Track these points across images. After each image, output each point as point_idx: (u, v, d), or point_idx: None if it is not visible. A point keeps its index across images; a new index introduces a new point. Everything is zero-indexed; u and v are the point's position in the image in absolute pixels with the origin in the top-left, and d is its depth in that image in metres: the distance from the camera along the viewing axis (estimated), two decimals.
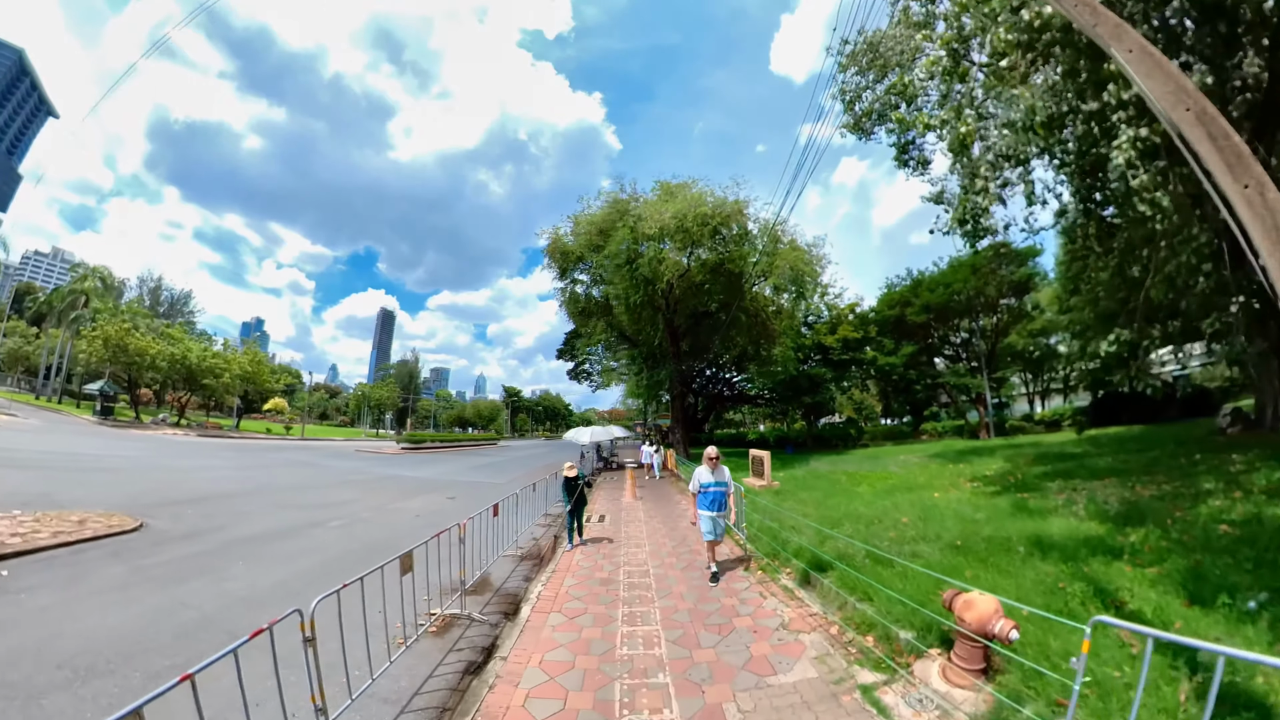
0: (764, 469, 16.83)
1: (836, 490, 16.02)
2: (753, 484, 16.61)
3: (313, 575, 8.94)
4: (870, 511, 11.93)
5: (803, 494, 15.57)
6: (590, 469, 26.80)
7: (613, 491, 19.72)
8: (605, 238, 27.92)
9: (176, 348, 59.03)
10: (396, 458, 38.16)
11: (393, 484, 22.86)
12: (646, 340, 28.95)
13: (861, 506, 12.68)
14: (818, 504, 13.65)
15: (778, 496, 14.95)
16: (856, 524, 10.79)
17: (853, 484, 17.51)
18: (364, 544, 11.76)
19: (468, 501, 18.17)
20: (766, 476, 16.80)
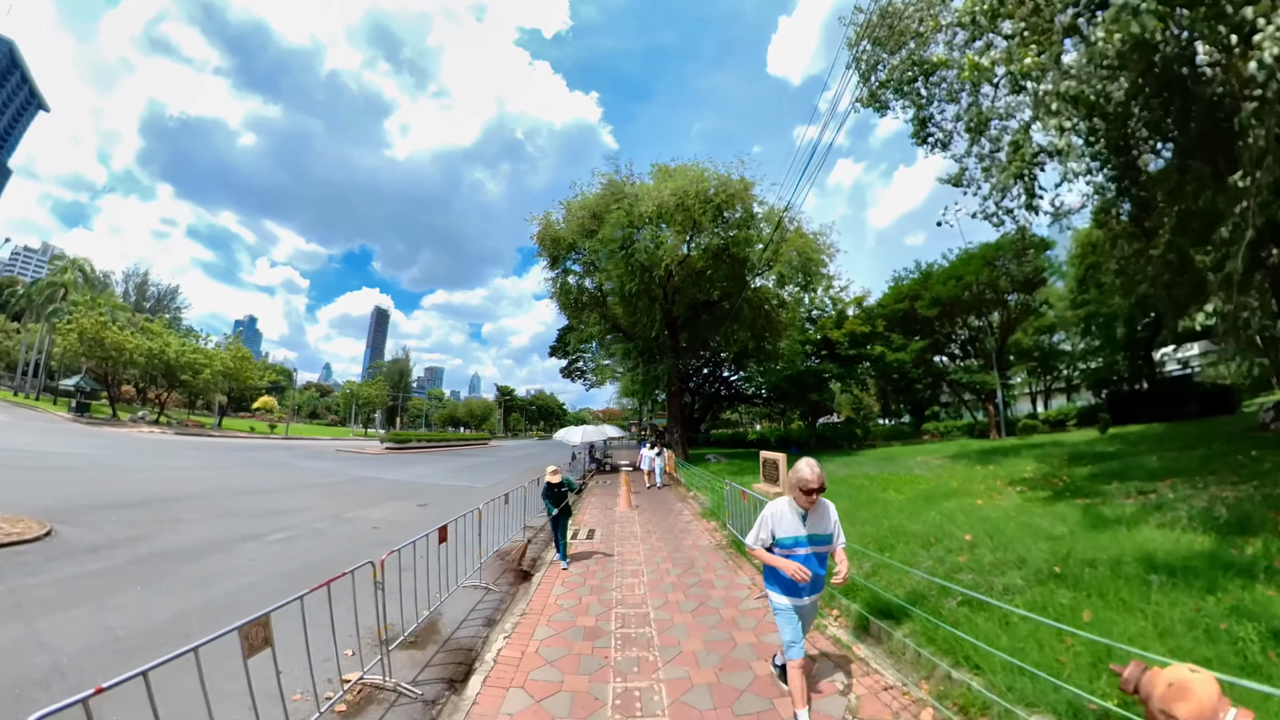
0: (779, 474, 14.58)
1: (865, 498, 13.91)
2: (765, 490, 14.38)
3: (221, 606, 6.95)
4: (920, 527, 9.74)
5: None
6: (582, 471, 24.54)
7: (605, 498, 17.44)
8: (599, 222, 25.67)
9: (154, 342, 56.35)
10: (377, 458, 35.77)
11: (362, 488, 20.55)
12: (643, 333, 26.68)
13: (905, 520, 10.50)
14: (849, 516, 11.34)
15: None
16: (909, 544, 8.63)
17: (879, 490, 15.39)
18: (302, 564, 9.57)
19: (440, 509, 15.98)
20: (783, 483, 14.54)
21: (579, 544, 11.02)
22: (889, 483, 16.53)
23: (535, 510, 13.02)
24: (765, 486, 14.94)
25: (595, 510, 14.89)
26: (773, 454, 15.33)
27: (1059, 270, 37.12)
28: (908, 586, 6.53)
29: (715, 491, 14.81)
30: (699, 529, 12.18)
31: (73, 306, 63.26)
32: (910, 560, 7.73)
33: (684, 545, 10.73)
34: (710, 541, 11.00)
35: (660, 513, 14.30)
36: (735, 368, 42.51)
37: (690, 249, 23.90)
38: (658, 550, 10.37)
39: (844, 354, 33.96)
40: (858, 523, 10.62)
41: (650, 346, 26.46)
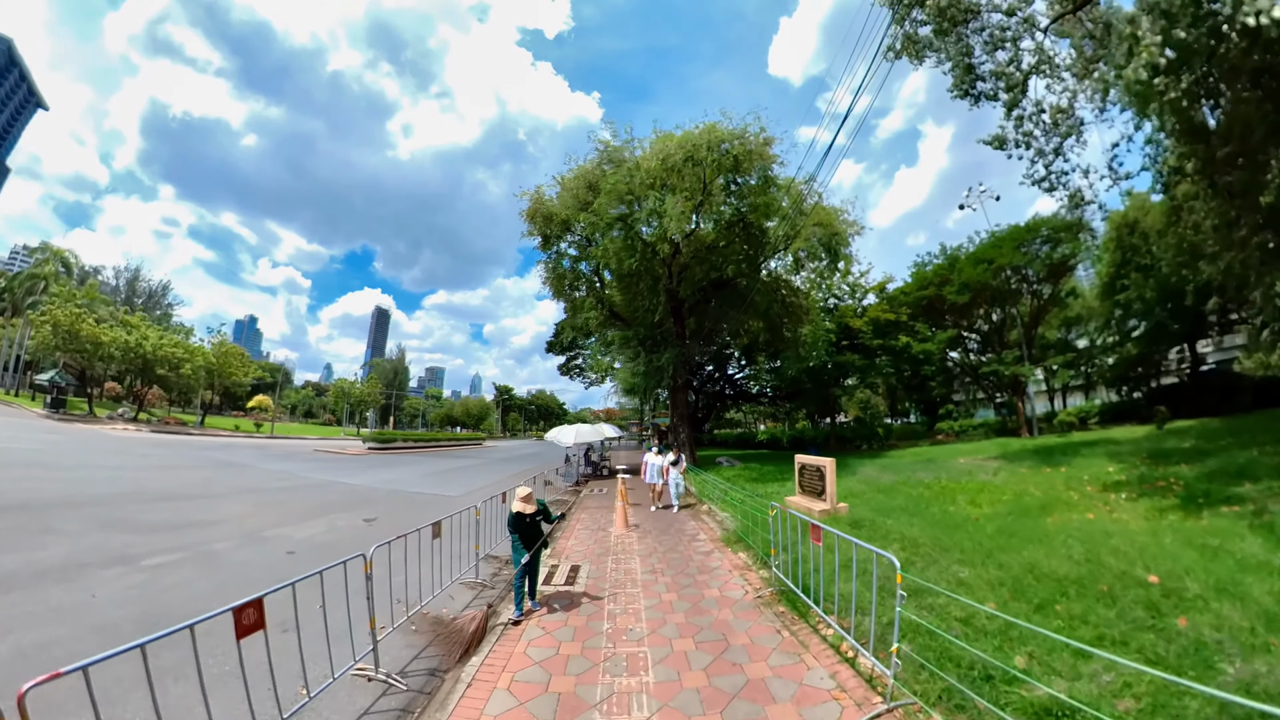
0: (825, 484, 11.06)
1: (940, 514, 10.54)
2: (806, 507, 10.88)
3: None
4: (1063, 564, 6.36)
5: (888, 523, 9.88)
6: (575, 476, 21.03)
7: (598, 513, 13.88)
8: (595, 194, 22.18)
9: (132, 336, 52.87)
10: (354, 460, 32.29)
11: (310, 495, 17.22)
12: (643, 319, 23.12)
13: (1025, 549, 7.16)
14: (939, 544, 8.00)
15: (858, 531, 9.21)
16: (1075, 596, 5.32)
17: (949, 502, 12.01)
18: (143, 612, 6.55)
19: (391, 524, 12.67)
20: (829, 496, 11.03)
21: (554, 590, 7.50)
22: (955, 491, 13.19)
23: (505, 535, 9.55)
24: (805, 501, 11.45)
25: (584, 531, 11.37)
26: (812, 458, 11.80)
27: (1094, 255, 33.73)
28: None
29: (738, 507, 11.27)
30: (724, 565, 8.65)
31: (50, 299, 59.94)
32: (1103, 631, 4.34)
33: (707, 596, 7.20)
34: (746, 590, 7.47)
35: (667, 536, 10.76)
36: (744, 363, 38.91)
37: (699, 219, 20.33)
38: (668, 606, 6.85)
39: (868, 344, 30.36)
40: (962, 556, 7.18)
41: (652, 334, 22.90)
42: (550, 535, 10.03)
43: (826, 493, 11.03)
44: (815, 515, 10.46)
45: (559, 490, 18.15)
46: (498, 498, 10.32)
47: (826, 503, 10.95)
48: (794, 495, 12.19)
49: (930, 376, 40.61)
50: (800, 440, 39.60)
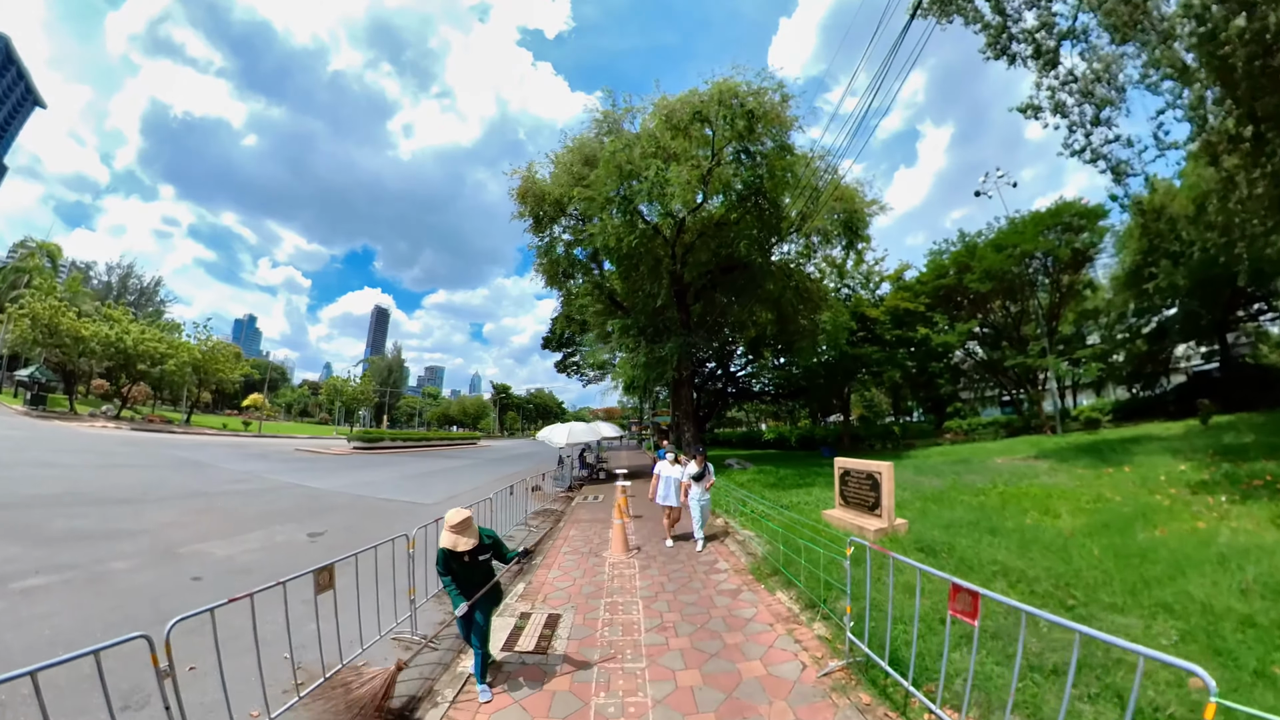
0: (880, 496, 8.60)
1: (1012, 529, 8.26)
2: (855, 525, 8.46)
3: None
4: (1258, 607, 3.93)
5: (964, 545, 7.49)
6: (568, 481, 18.59)
7: (591, 528, 11.38)
8: (592, 167, 19.76)
9: (113, 330, 50.30)
10: (336, 460, 29.87)
11: (264, 500, 15.04)
12: (644, 306, 20.64)
13: (1184, 584, 4.84)
14: (1054, 577, 5.61)
15: (934, 559, 6.82)
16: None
17: (1015, 511, 9.82)
18: None
19: (341, 538, 10.42)
20: (886, 511, 8.57)
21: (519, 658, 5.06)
22: (1018, 498, 11.00)
23: None
24: (850, 517, 9.01)
25: (571, 556, 8.88)
26: (861, 463, 9.35)
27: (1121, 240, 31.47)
28: None
29: (764, 524, 8.81)
30: (761, 615, 6.14)
31: (31, 292, 57.38)
32: None
33: (746, 676, 4.70)
34: (801, 660, 4.99)
35: (677, 564, 8.22)
36: (750, 358, 36.38)
37: (707, 192, 17.83)
38: (688, 697, 4.35)
39: (887, 336, 27.92)
40: (1111, 597, 4.77)
41: (654, 323, 20.40)
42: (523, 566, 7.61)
43: (882, 506, 8.59)
44: (870, 536, 8.03)
45: (547, 497, 15.69)
46: (480, 506, 7.96)
47: (883, 519, 8.51)
48: (833, 509, 9.74)
49: (938, 373, 38.33)
50: (810, 439, 37.08)
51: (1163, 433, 21.45)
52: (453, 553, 4.53)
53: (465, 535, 4.59)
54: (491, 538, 4.92)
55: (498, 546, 4.92)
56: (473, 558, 4.65)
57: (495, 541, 4.93)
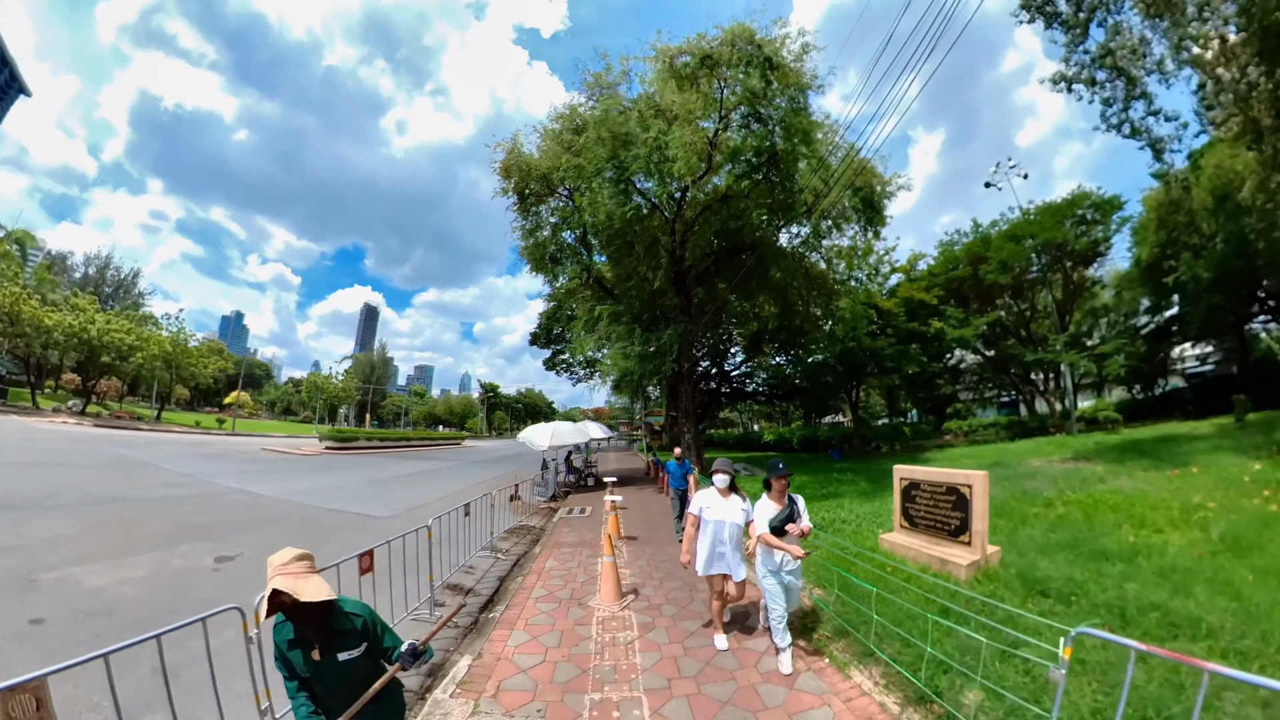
0: (970, 516, 6.18)
1: (1128, 552, 6.06)
2: (940, 557, 6.07)
3: None
4: None
5: (1080, 574, 5.19)
6: (553, 488, 16.06)
7: (572, 557, 8.65)
8: (582, 135, 17.33)
9: (78, 319, 46.98)
10: (302, 461, 27.17)
11: (188, 510, 12.63)
12: (638, 292, 18.17)
13: None
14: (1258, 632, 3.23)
15: (1063, 604, 4.42)
16: None
17: (1107, 524, 7.79)
18: None
19: (259, 562, 7.86)
20: (977, 538, 6.15)
21: None
22: (1101, 509, 9.09)
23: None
24: (921, 544, 6.60)
25: (546, 605, 6.28)
26: (938, 473, 6.95)
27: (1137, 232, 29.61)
28: None
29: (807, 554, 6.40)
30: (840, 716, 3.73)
31: None
32: None
33: None
34: None
35: (688, 616, 5.72)
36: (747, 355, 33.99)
37: (714, 159, 15.38)
38: None
39: (902, 328, 25.66)
40: None
41: (650, 310, 17.93)
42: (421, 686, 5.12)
43: (972, 531, 6.19)
44: (962, 573, 5.66)
45: (526, 509, 13.16)
46: (442, 522, 5.52)
47: (973, 548, 6.12)
48: (892, 532, 7.33)
49: (938, 374, 36.37)
50: (813, 441, 34.68)
51: (1190, 432, 19.72)
52: (294, 629, 2.16)
53: (304, 582, 2.22)
54: (364, 620, 2.48)
55: (374, 636, 2.49)
56: (326, 650, 2.26)
57: (371, 628, 2.49)
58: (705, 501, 5.00)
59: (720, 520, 4.86)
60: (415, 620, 5.98)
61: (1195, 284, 27.57)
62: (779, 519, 4.61)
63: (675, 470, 9.86)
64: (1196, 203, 28.43)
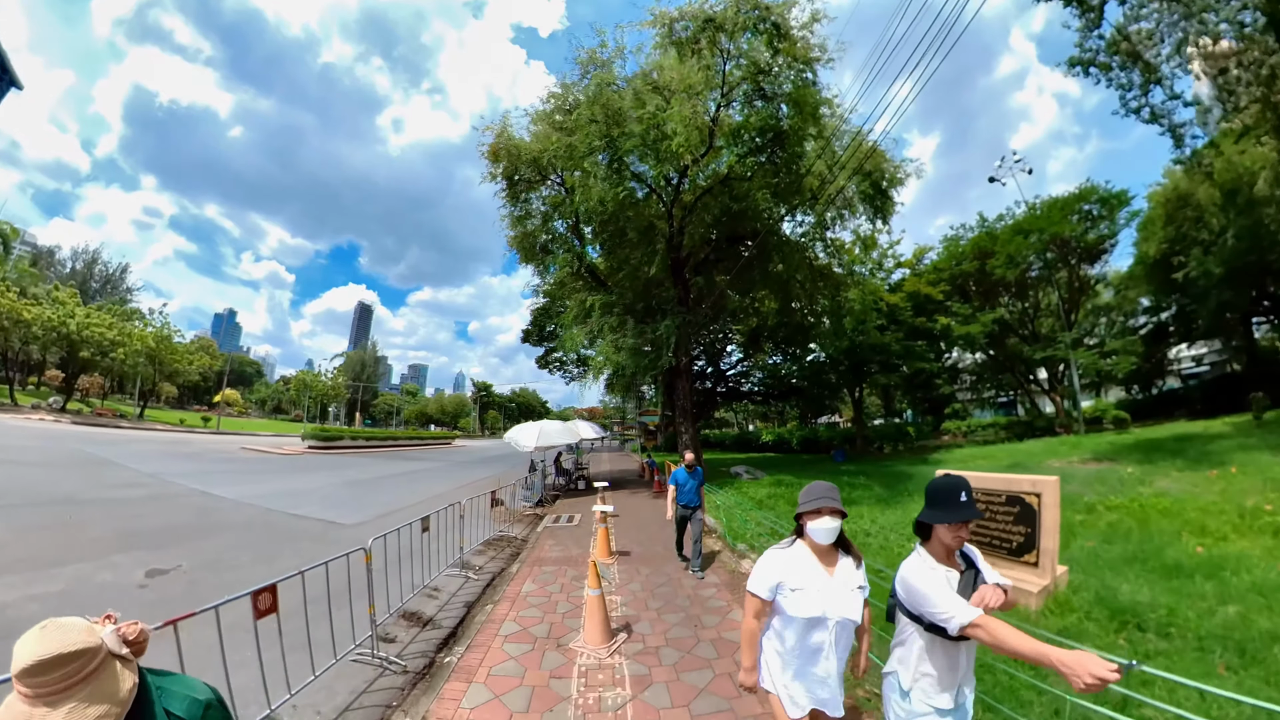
0: (1037, 532, 5.05)
1: (1196, 565, 5.06)
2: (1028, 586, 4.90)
3: None
4: None
5: (1167, 598, 4.01)
6: (539, 492, 14.85)
7: (554, 578, 7.26)
8: (574, 116, 16.14)
9: (57, 313, 45.33)
10: (281, 461, 25.86)
11: (137, 513, 11.55)
12: (632, 281, 16.94)
13: None
14: None
15: (1163, 640, 3.22)
16: None
17: (1165, 534, 6.77)
18: None
19: (194, 579, 6.85)
20: (1046, 558, 5.02)
21: None
22: (1151, 514, 8.19)
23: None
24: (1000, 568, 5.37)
25: (517, 647, 5.00)
26: (998, 478, 5.81)
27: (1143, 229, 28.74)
28: None
29: None
30: None
31: None
32: None
33: None
34: None
35: (703, 675, 4.52)
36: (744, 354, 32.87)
37: (715, 138, 14.22)
38: None
39: (909, 324, 24.57)
40: None
41: (646, 300, 16.69)
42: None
43: (1040, 549, 5.07)
44: (1033, 601, 4.54)
45: (510, 516, 11.95)
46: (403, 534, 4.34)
47: (1042, 571, 5.01)
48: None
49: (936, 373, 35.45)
50: (813, 441, 33.47)
51: (1205, 431, 18.90)
52: None
53: (55, 691, 1.05)
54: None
55: None
56: None
57: None
58: (785, 572, 2.41)
59: (821, 615, 2.33)
60: (358, 661, 4.80)
61: (1205, 280, 26.70)
62: (965, 590, 2.19)
63: (685, 481, 7.43)
64: (1204, 198, 27.66)
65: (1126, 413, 28.44)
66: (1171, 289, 29.57)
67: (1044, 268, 28.92)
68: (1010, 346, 30.63)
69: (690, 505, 7.43)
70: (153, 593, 7.12)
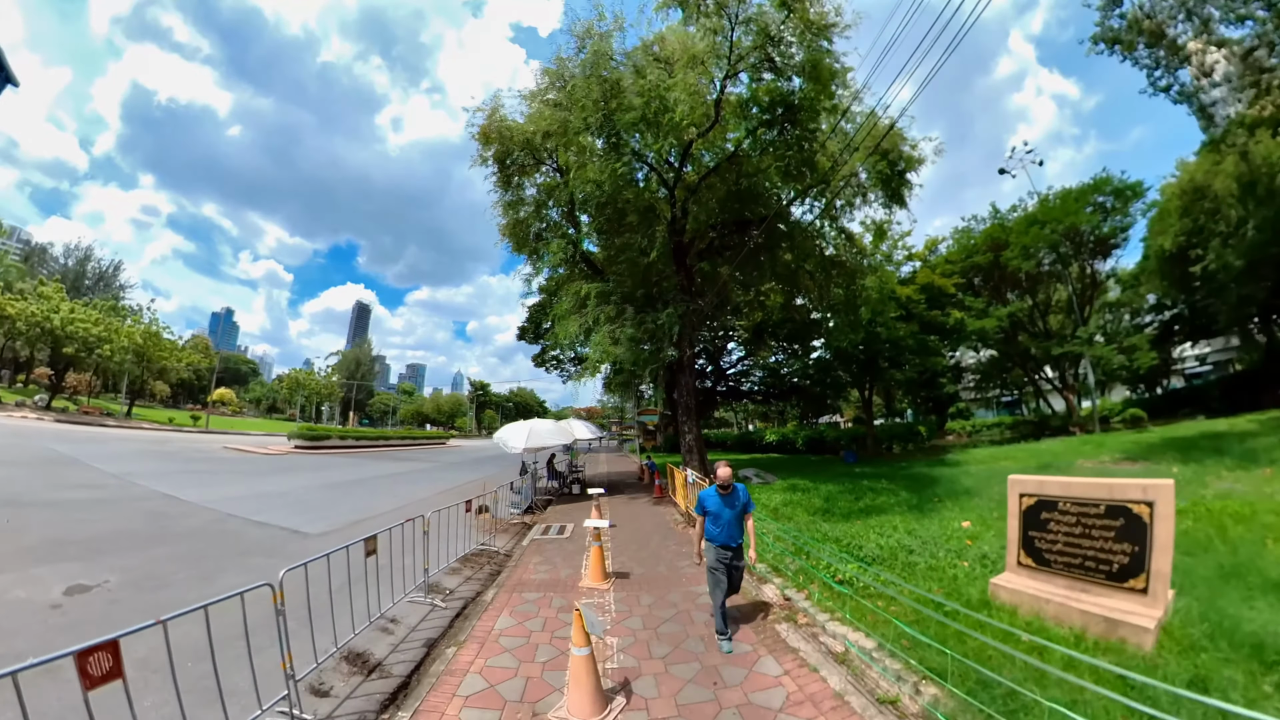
0: (1148, 553, 3.87)
1: None
2: (1101, 613, 3.77)
3: None
4: None
5: None
6: (530, 499, 13.63)
7: (535, 608, 6.16)
8: (569, 94, 14.95)
9: (40, 308, 43.98)
10: (261, 461, 24.63)
11: (87, 518, 10.20)
12: (629, 268, 15.66)
13: None
14: None
15: None
16: None
17: (1252, 544, 5.63)
18: None
19: (117, 598, 6.05)
20: (1157, 581, 3.88)
21: None
22: (1225, 519, 7.29)
23: None
24: (1061, 591, 4.31)
25: (477, 711, 3.96)
26: (1088, 484, 4.53)
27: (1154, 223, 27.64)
28: None
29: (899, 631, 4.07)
30: None
31: None
32: None
33: None
34: None
35: None
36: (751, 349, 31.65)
37: (722, 110, 13.00)
38: None
39: (923, 317, 23.39)
40: None
41: (646, 288, 15.41)
42: None
43: (1150, 573, 3.89)
44: (1149, 640, 3.34)
45: (496, 525, 10.71)
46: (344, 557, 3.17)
47: (1153, 600, 3.84)
48: (1010, 573, 4.97)
49: (940, 371, 34.33)
50: (819, 441, 32.17)
51: (1231, 429, 17.86)
52: None
53: None
54: None
55: None
56: None
57: None
58: None
59: None
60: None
61: (1225, 273, 25.64)
62: None
63: (717, 504, 5.06)
64: (1222, 189, 26.61)
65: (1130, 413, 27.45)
66: (1187, 283, 28.52)
67: (1056, 262, 27.90)
68: (1020, 343, 29.45)
69: (730, 546, 4.99)
70: (65, 615, 6.02)
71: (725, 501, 5.04)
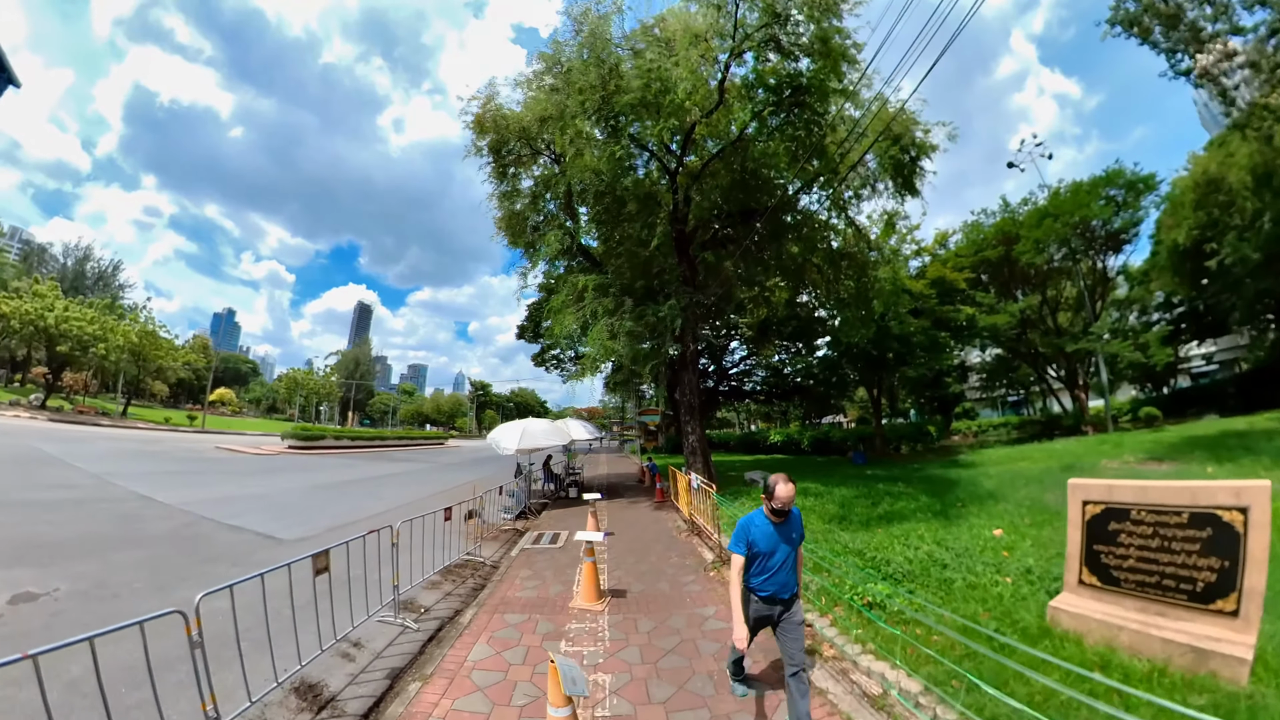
0: (1240, 570, 3.25)
1: None
2: (1187, 641, 3.07)
3: None
4: None
5: None
6: (524, 504, 12.92)
7: (516, 633, 5.58)
8: (568, 79, 14.27)
9: (34, 306, 43.35)
10: (250, 462, 23.98)
11: (52, 519, 9.68)
12: (629, 259, 14.92)
13: None
14: None
15: None
16: None
17: None
18: None
19: (61, 608, 5.41)
20: (1250, 601, 3.27)
21: None
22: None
23: None
24: (1134, 615, 3.52)
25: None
26: (1186, 487, 3.77)
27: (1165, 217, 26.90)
28: None
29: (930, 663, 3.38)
30: None
31: None
32: None
33: None
34: None
35: None
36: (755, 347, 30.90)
37: (726, 91, 12.31)
38: None
39: (935, 312, 22.62)
40: None
41: (646, 279, 14.67)
42: None
43: (1245, 593, 3.18)
44: (1243, 673, 2.61)
45: (487, 531, 10.01)
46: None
47: (1245, 625, 3.13)
48: (1072, 593, 4.24)
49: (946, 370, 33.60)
50: (825, 442, 31.39)
51: (1252, 427, 17.14)
52: None
53: None
54: None
55: None
56: None
57: None
58: None
59: None
60: None
61: (1241, 267, 24.92)
62: None
63: (770, 539, 3.52)
64: (1236, 181, 25.91)
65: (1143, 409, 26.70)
66: (1198, 278, 27.80)
67: (1066, 257, 27.18)
68: (1032, 340, 28.71)
69: (780, 597, 3.54)
70: (4, 626, 5.32)
71: (780, 533, 3.51)
